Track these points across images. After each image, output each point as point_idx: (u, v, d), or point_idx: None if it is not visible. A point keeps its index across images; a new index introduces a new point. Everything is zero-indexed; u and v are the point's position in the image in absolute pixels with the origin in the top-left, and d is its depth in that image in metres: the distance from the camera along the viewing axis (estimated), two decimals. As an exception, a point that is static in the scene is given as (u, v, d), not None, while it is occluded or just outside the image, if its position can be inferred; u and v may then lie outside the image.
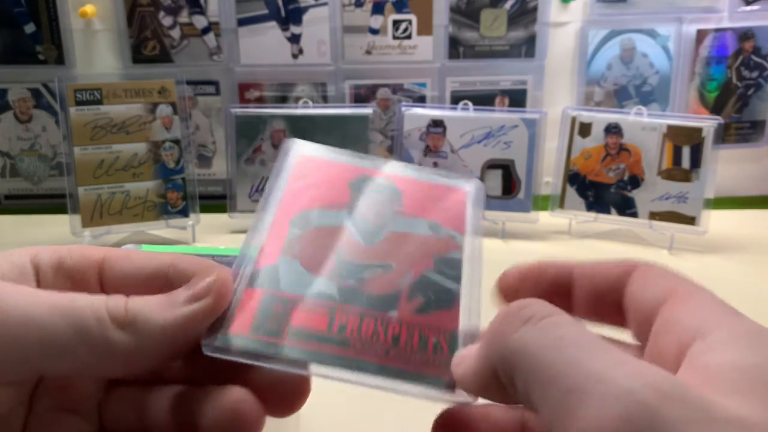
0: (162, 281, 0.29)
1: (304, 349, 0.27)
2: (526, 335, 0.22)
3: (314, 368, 0.27)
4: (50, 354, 0.25)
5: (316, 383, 0.28)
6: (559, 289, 0.30)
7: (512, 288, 0.31)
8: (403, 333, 0.29)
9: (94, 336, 0.25)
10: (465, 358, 0.26)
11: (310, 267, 0.30)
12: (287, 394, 0.28)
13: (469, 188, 0.36)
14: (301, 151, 0.36)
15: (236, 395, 0.26)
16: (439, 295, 0.30)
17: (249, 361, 0.27)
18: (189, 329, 0.27)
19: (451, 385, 0.27)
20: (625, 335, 0.29)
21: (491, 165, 1.04)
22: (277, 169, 0.35)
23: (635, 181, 1.01)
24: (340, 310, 0.29)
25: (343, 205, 0.33)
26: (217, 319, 0.28)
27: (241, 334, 0.28)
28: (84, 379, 0.29)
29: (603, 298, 0.29)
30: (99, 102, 0.95)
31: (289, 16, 1.11)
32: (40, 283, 0.28)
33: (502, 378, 0.23)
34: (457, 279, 0.31)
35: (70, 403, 0.29)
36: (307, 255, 0.31)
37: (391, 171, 0.36)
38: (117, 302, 0.26)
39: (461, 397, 0.27)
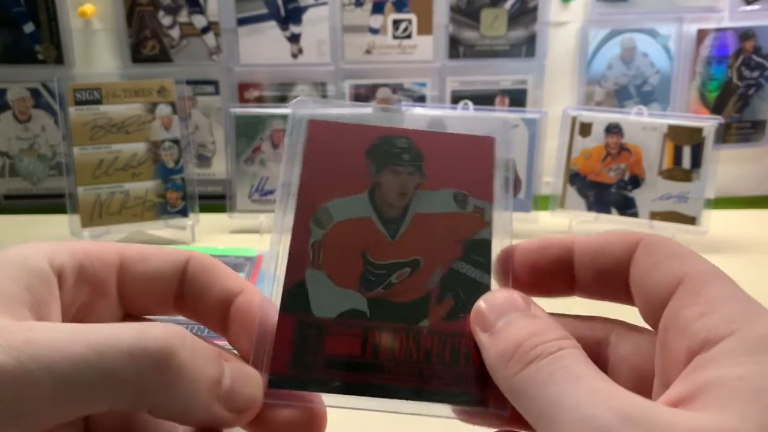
0: (179, 278, 0.30)
1: (342, 380, 0.27)
2: (527, 376, 0.24)
3: (353, 400, 0.27)
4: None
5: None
6: (560, 268, 0.29)
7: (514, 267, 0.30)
8: (435, 346, 0.28)
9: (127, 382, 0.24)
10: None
11: (337, 279, 0.29)
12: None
13: (496, 134, 0.33)
14: (311, 117, 0.32)
15: None
16: (469, 294, 0.29)
17: (289, 402, 0.27)
18: (207, 424, 0.26)
19: (483, 400, 0.27)
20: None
21: (491, 165, 1.04)
22: (291, 147, 0.31)
23: (636, 181, 1.01)
24: (372, 328, 0.28)
25: (363, 187, 0.31)
26: (255, 356, 0.27)
27: (281, 373, 0.27)
28: None
29: (607, 278, 0.28)
30: (98, 102, 0.95)
31: (289, 16, 1.11)
32: (62, 291, 0.27)
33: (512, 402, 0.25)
34: (487, 267, 0.29)
35: None
36: (332, 263, 0.29)
37: (412, 125, 0.33)
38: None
39: (493, 410, 0.27)
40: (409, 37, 1.12)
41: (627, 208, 1.01)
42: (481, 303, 0.27)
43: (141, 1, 1.09)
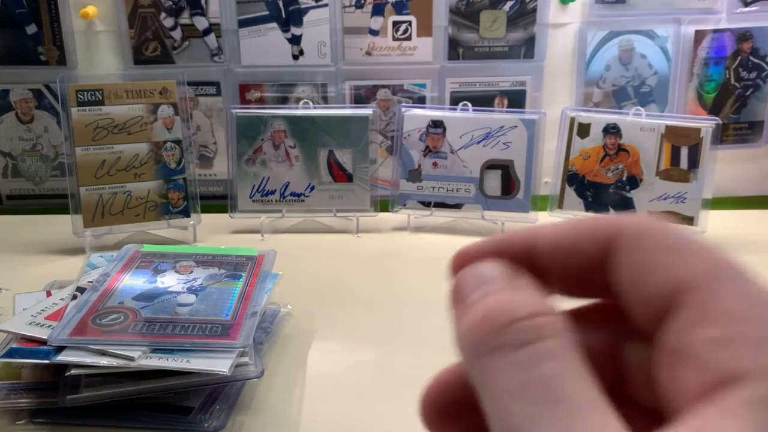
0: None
1: None
2: (496, 368, 0.18)
3: None
4: None
5: (316, 385, 0.29)
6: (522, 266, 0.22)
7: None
8: None
9: None
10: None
11: None
12: None
13: None
14: None
15: None
16: None
17: None
18: None
19: None
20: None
21: (490, 165, 1.04)
22: None
23: (634, 182, 1.01)
24: None
25: None
26: None
27: None
28: None
29: (581, 282, 0.22)
30: (100, 103, 0.96)
31: (290, 18, 1.12)
32: None
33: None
34: None
35: None
36: None
37: None
38: None
39: None
40: (408, 38, 1.13)
41: (625, 208, 1.02)
42: (459, 274, 0.21)
43: (143, 3, 1.10)
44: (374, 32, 1.13)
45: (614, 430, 0.16)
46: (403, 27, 1.12)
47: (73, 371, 0.58)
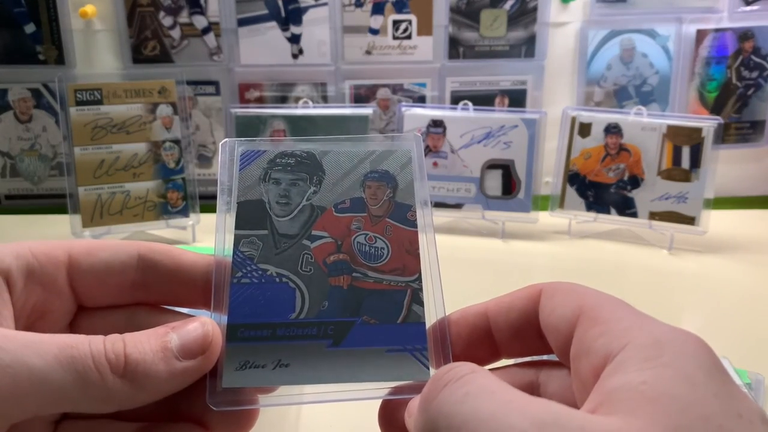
0: (132, 274, 0.30)
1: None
2: (443, 398, 0.24)
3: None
4: (49, 401, 0.25)
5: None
6: (481, 336, 0.30)
7: None
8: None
9: (95, 385, 0.26)
10: (410, 414, 0.28)
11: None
12: (238, 421, 0.30)
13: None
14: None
15: None
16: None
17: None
18: (183, 384, 0.28)
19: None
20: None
21: (491, 165, 1.04)
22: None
23: (635, 181, 1.01)
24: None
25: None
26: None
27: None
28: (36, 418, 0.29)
29: (521, 331, 0.29)
30: (99, 102, 0.96)
31: (289, 17, 1.11)
32: (12, 293, 0.28)
33: None
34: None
35: None
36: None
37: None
38: (117, 349, 0.26)
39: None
40: (409, 37, 1.12)
41: (626, 208, 1.01)
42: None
43: (142, 2, 1.10)
44: (374, 31, 1.12)
45: (527, 396, 0.23)
46: (403, 26, 1.12)
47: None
